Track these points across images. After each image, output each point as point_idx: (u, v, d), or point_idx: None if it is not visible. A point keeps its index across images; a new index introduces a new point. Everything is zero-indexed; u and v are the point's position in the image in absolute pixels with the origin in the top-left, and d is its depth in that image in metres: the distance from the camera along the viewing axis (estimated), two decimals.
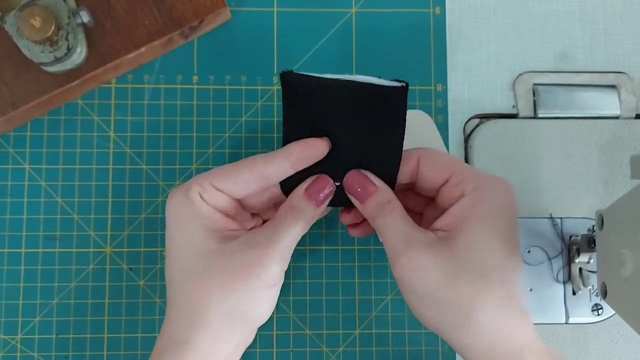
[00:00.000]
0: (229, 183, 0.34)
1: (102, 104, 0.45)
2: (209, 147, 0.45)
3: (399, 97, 0.34)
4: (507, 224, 0.33)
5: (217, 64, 0.45)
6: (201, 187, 0.33)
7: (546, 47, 0.47)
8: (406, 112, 0.34)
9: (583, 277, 0.43)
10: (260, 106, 0.45)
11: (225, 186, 0.34)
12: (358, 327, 0.44)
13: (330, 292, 0.44)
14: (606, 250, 0.35)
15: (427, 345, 0.44)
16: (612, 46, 0.47)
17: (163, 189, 0.44)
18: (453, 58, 0.46)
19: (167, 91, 0.45)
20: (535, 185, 0.45)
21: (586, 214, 0.45)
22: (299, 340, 0.44)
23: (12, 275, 0.43)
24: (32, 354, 0.42)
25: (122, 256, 0.44)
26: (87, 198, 0.44)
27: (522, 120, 0.46)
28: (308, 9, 0.46)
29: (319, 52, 0.46)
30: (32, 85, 0.42)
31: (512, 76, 0.47)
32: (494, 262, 0.32)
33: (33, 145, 0.44)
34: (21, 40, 0.39)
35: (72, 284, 0.43)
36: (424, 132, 0.44)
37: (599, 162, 0.46)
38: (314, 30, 0.46)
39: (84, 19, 0.40)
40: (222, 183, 0.34)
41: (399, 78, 0.46)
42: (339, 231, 0.44)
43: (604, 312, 0.44)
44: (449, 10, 0.47)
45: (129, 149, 0.44)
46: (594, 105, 0.46)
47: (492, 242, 0.32)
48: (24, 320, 0.43)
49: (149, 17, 0.43)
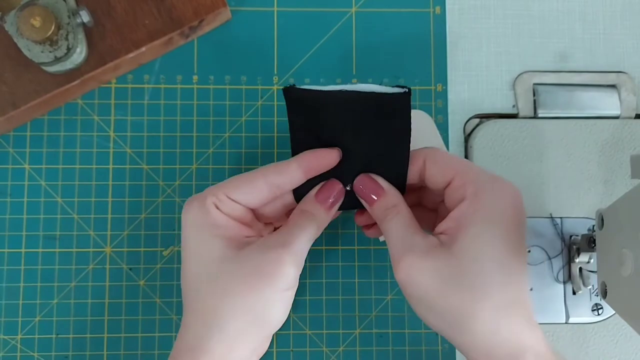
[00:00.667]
0: (243, 193, 0.34)
1: (102, 104, 0.45)
2: (209, 147, 0.45)
3: (403, 103, 0.34)
4: (506, 227, 0.33)
5: (217, 63, 0.45)
6: (216, 198, 0.34)
7: (546, 47, 0.47)
8: (411, 116, 0.34)
9: (583, 277, 0.43)
10: (260, 106, 0.45)
11: (239, 197, 0.34)
12: (358, 327, 0.44)
13: (330, 292, 0.44)
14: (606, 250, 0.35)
15: (427, 345, 0.44)
16: (612, 46, 0.47)
17: (163, 189, 0.44)
18: (453, 58, 0.46)
19: (167, 91, 0.45)
20: (535, 185, 0.45)
21: (586, 214, 0.45)
22: (299, 340, 0.43)
23: (12, 275, 0.43)
24: (32, 354, 0.42)
25: (122, 256, 0.44)
26: (87, 198, 0.44)
27: (522, 120, 0.46)
28: (308, 9, 0.46)
29: (319, 52, 0.46)
30: (32, 85, 0.42)
31: (512, 76, 0.47)
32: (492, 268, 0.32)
33: (33, 145, 0.44)
34: (21, 40, 0.39)
35: (72, 284, 0.43)
36: (424, 131, 0.45)
37: (599, 162, 0.46)
38: (314, 30, 0.46)
39: (83, 19, 0.40)
40: (237, 194, 0.34)
41: (398, 78, 0.46)
42: (339, 231, 0.44)
43: (604, 312, 0.44)
44: (449, 10, 0.47)
45: (129, 148, 0.44)
46: (594, 105, 0.46)
47: (490, 247, 0.32)
48: (24, 320, 0.43)
49: (149, 17, 0.43)
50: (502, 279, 0.32)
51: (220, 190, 0.34)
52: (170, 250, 0.44)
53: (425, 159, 0.35)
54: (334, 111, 0.34)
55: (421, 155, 0.35)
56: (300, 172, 0.34)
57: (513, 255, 0.32)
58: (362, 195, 0.36)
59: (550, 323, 0.44)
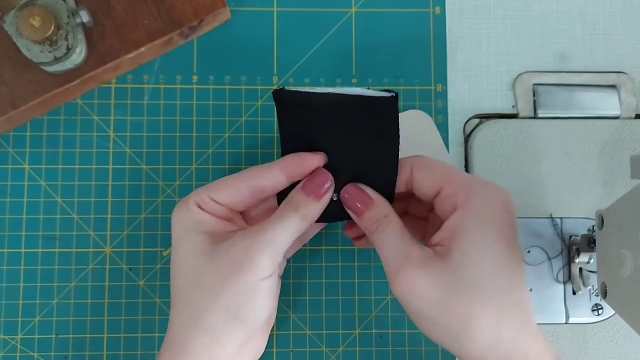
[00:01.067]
0: (226, 195, 0.34)
1: (102, 104, 0.44)
2: (209, 147, 0.45)
3: (389, 107, 0.34)
4: (501, 232, 0.32)
5: (217, 64, 0.45)
6: (200, 198, 0.34)
7: (546, 47, 0.47)
8: (398, 121, 0.34)
9: (583, 277, 0.43)
10: (260, 106, 0.45)
11: (222, 198, 0.34)
12: (358, 327, 0.44)
13: (330, 292, 0.44)
14: (606, 250, 0.35)
15: (427, 345, 0.44)
16: (612, 46, 0.47)
17: (163, 189, 0.44)
18: (453, 58, 0.46)
19: (167, 91, 0.45)
20: (535, 185, 0.45)
21: (586, 214, 0.45)
22: (299, 340, 0.43)
23: (12, 275, 0.43)
24: (32, 354, 0.42)
25: (121, 256, 0.44)
26: (87, 198, 0.44)
27: (522, 120, 0.46)
28: (308, 9, 0.46)
29: (319, 52, 0.46)
30: (31, 85, 0.42)
31: (512, 76, 0.47)
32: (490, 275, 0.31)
33: (33, 145, 0.44)
34: (20, 40, 0.39)
35: (72, 284, 0.43)
36: (423, 132, 0.45)
37: (599, 162, 0.46)
38: (314, 30, 0.46)
39: (83, 19, 0.40)
40: (219, 195, 0.34)
41: (398, 78, 0.46)
42: (339, 231, 0.44)
43: (604, 312, 0.44)
44: (449, 10, 0.47)
45: (129, 148, 0.44)
46: (594, 105, 0.46)
47: (485, 255, 0.31)
48: (23, 320, 0.43)
49: (149, 17, 0.43)
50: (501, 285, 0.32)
51: (204, 191, 0.34)
52: (169, 251, 0.44)
53: (413, 167, 0.35)
54: (322, 114, 0.34)
55: (409, 164, 0.35)
56: (282, 175, 0.34)
57: (510, 260, 0.32)
58: (350, 205, 0.35)
59: (550, 323, 0.44)
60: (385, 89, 0.33)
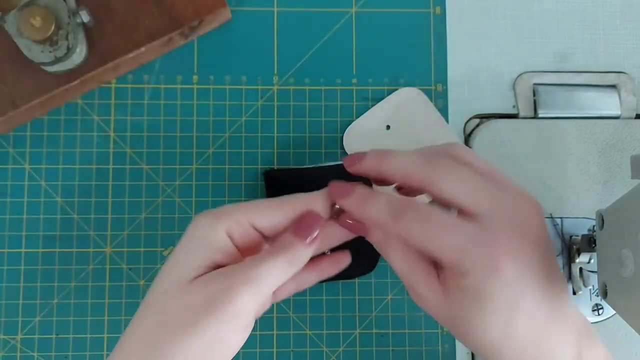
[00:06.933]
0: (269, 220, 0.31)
1: (102, 104, 0.44)
2: (209, 147, 0.45)
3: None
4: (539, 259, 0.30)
5: (217, 63, 0.45)
6: (235, 221, 0.30)
7: (546, 47, 0.47)
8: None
9: (583, 277, 0.43)
10: (260, 106, 0.45)
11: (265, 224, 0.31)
12: (358, 327, 0.44)
13: (330, 292, 0.44)
14: (606, 250, 0.35)
15: (427, 345, 0.44)
16: (612, 46, 0.47)
17: (163, 189, 0.44)
18: (453, 58, 0.46)
19: (167, 91, 0.45)
20: (536, 185, 0.45)
21: (586, 214, 0.45)
22: (299, 340, 0.43)
23: (12, 275, 0.43)
24: (32, 354, 0.42)
25: (122, 256, 0.44)
26: (87, 198, 0.44)
27: (522, 120, 0.46)
28: (308, 9, 0.46)
29: (319, 52, 0.46)
30: (32, 85, 0.42)
31: (512, 76, 0.47)
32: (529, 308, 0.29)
33: (33, 145, 0.44)
34: (21, 39, 0.39)
35: (72, 284, 0.43)
36: (417, 107, 0.45)
37: (599, 162, 0.46)
38: (314, 30, 0.46)
39: (83, 19, 0.40)
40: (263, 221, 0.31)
41: (399, 78, 0.46)
42: None
43: (604, 312, 0.44)
44: (449, 10, 0.47)
45: (129, 148, 0.44)
46: (594, 105, 0.46)
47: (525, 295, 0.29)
48: (24, 320, 0.43)
49: (149, 17, 0.43)
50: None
51: (243, 212, 0.31)
52: (170, 251, 0.44)
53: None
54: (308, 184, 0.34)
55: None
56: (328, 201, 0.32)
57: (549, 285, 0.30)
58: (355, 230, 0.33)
59: None
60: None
